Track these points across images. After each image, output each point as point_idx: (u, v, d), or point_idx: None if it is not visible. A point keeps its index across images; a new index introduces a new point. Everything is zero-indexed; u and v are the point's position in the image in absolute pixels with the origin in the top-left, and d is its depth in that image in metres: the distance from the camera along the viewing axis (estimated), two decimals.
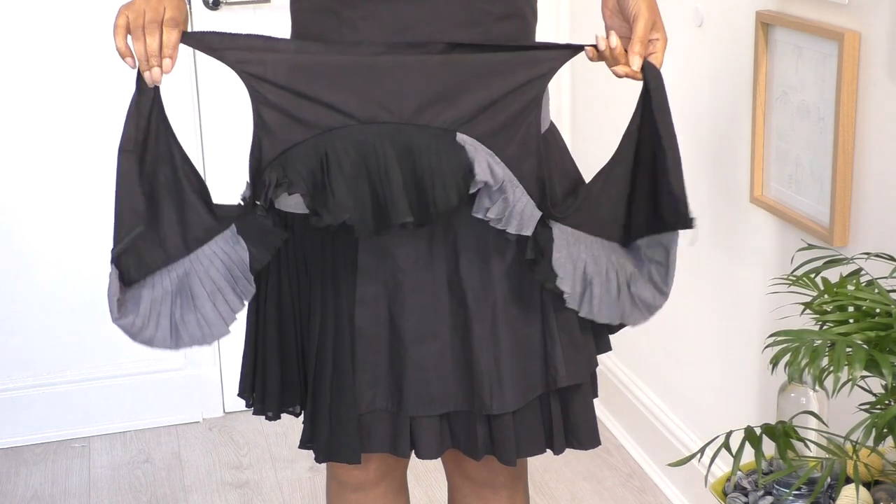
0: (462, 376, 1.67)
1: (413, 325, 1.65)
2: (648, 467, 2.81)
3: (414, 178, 1.56)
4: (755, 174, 2.16)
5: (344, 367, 1.67)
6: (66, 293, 3.05)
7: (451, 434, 1.71)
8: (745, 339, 2.30)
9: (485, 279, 1.64)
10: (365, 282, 1.64)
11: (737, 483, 1.70)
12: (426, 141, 1.56)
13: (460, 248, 1.64)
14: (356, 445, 1.69)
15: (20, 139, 2.95)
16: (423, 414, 1.67)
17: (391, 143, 1.56)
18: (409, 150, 1.56)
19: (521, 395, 1.68)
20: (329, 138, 1.56)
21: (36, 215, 2.99)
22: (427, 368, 1.66)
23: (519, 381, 1.67)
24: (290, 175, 1.56)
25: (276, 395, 1.75)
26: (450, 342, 1.66)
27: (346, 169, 1.55)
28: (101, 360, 3.11)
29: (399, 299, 1.65)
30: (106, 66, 2.96)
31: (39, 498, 2.85)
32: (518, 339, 1.67)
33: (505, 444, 1.69)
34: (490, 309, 1.65)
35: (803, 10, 1.99)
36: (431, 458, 1.72)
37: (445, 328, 1.66)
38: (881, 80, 1.82)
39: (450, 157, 1.56)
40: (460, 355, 1.66)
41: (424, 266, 1.64)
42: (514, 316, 1.66)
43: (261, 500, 2.80)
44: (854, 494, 1.50)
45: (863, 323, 1.45)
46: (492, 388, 1.65)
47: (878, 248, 1.79)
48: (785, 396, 1.65)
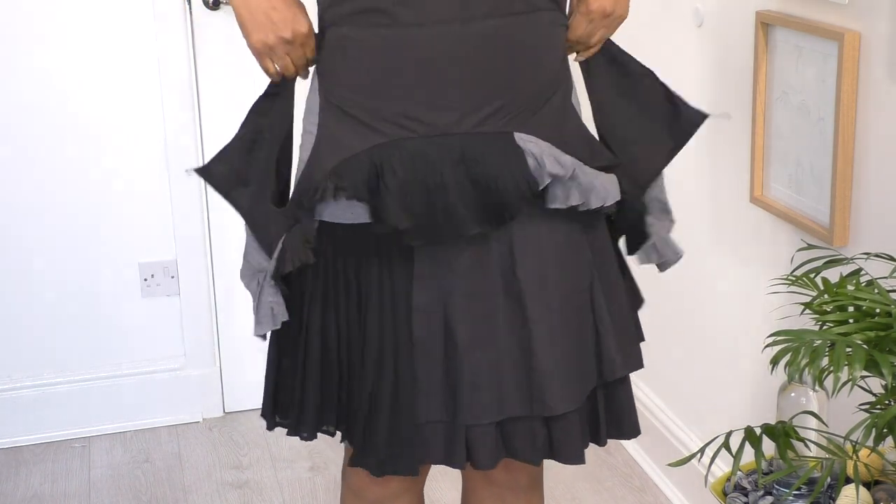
0: (521, 381, 1.64)
1: (468, 332, 1.63)
2: (648, 467, 2.81)
3: (476, 185, 1.57)
4: (755, 174, 2.16)
5: (405, 379, 1.64)
6: (66, 293, 3.05)
7: (504, 442, 1.68)
8: (745, 339, 2.30)
9: (542, 277, 1.64)
10: (421, 289, 1.62)
11: (737, 483, 1.70)
12: (484, 148, 1.57)
13: (516, 248, 1.63)
14: (413, 457, 1.67)
15: (20, 139, 2.95)
16: (477, 422, 1.64)
17: (447, 152, 1.57)
18: (466, 159, 1.57)
19: (581, 391, 1.67)
20: (387, 149, 1.57)
21: (36, 215, 2.99)
22: (482, 375, 1.63)
23: (578, 377, 1.67)
24: (349, 182, 1.57)
25: (313, 416, 1.72)
26: (506, 347, 1.64)
27: (401, 177, 1.56)
28: (101, 360, 3.11)
29: (454, 306, 1.62)
30: (106, 65, 2.96)
31: (39, 498, 2.85)
32: (574, 334, 1.67)
33: (570, 443, 1.68)
34: (547, 308, 1.64)
35: (803, 10, 1.99)
36: (488, 468, 1.69)
37: (502, 333, 1.64)
38: (881, 80, 1.82)
39: (512, 159, 1.58)
40: (518, 359, 1.64)
41: (480, 270, 1.63)
42: (570, 312, 1.66)
43: (261, 500, 2.80)
44: (854, 494, 1.50)
45: (863, 323, 1.45)
46: (554, 388, 1.63)
47: (878, 248, 1.79)
48: (785, 396, 1.65)
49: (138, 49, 2.96)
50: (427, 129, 1.57)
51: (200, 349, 3.17)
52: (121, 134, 3.00)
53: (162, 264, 3.09)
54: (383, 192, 1.56)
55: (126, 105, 2.99)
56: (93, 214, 3.02)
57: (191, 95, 3.00)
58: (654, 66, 1.92)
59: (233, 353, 3.19)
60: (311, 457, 2.96)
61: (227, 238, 3.09)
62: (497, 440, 1.67)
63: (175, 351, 3.16)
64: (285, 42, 1.59)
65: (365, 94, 1.59)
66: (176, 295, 3.12)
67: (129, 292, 3.09)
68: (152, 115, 2.99)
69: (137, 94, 2.98)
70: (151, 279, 3.10)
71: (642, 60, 1.75)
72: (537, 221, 1.62)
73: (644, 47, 2.62)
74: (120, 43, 2.94)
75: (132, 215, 3.04)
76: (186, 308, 3.13)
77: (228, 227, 3.08)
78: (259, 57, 1.62)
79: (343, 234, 1.63)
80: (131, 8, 2.93)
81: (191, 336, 3.15)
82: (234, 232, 3.09)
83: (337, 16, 1.60)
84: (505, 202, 1.58)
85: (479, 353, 1.63)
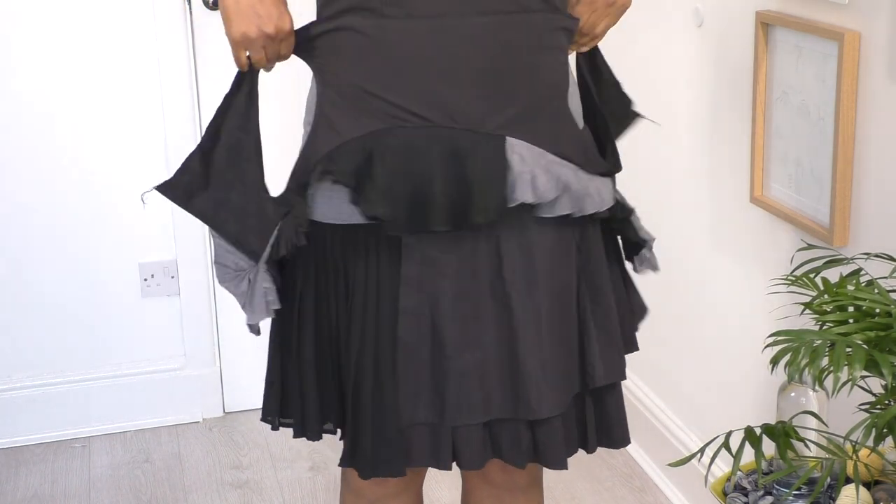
0: (506, 382, 1.65)
1: (455, 334, 1.63)
2: (648, 467, 2.81)
3: (459, 182, 1.57)
4: (755, 174, 2.16)
5: (384, 380, 1.64)
6: (65, 293, 3.05)
7: (492, 443, 1.68)
8: (745, 339, 2.30)
9: (529, 280, 1.64)
10: (409, 292, 1.62)
11: (737, 483, 1.70)
12: (474, 145, 1.58)
13: (503, 251, 1.63)
14: (399, 459, 1.66)
15: (20, 139, 2.94)
16: (465, 423, 1.64)
17: (439, 145, 1.57)
18: (456, 154, 1.57)
19: (565, 396, 1.67)
20: (380, 136, 1.57)
21: (36, 215, 2.99)
22: (469, 377, 1.63)
23: (563, 382, 1.66)
24: (337, 167, 1.58)
25: (315, 416, 1.72)
26: (494, 349, 1.64)
27: (389, 165, 1.56)
28: (101, 360, 3.11)
29: (442, 308, 1.62)
30: (106, 65, 2.96)
31: (39, 498, 2.85)
32: (559, 339, 1.66)
33: (554, 448, 1.68)
34: (535, 311, 1.64)
35: (803, 10, 1.99)
36: (474, 468, 1.69)
37: (489, 336, 1.64)
38: (881, 80, 1.82)
39: (494, 168, 1.58)
40: (505, 361, 1.64)
41: (467, 272, 1.63)
42: (556, 316, 1.66)
43: (261, 500, 2.80)
44: (854, 494, 1.50)
45: (863, 323, 1.45)
46: (539, 392, 1.63)
47: (878, 248, 1.79)
48: (785, 396, 1.65)
49: (138, 49, 2.95)
50: (421, 121, 1.57)
51: (200, 349, 3.17)
52: (121, 134, 3.00)
53: (162, 264, 3.09)
54: (370, 179, 1.57)
55: (126, 105, 2.99)
56: (93, 214, 3.02)
57: (191, 95, 3.00)
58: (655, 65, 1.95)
59: (233, 353, 3.19)
60: (311, 457, 2.96)
61: None
62: (484, 441, 1.67)
63: (175, 351, 3.16)
64: (266, 37, 1.59)
65: (360, 84, 1.59)
66: (176, 295, 3.12)
67: (128, 292, 3.09)
68: (152, 115, 2.99)
69: (137, 94, 2.98)
70: (151, 279, 3.10)
71: (642, 60, 1.76)
72: (526, 223, 1.62)
73: (644, 47, 2.62)
74: (120, 43, 2.94)
75: (132, 215, 3.04)
76: (186, 308, 3.13)
77: None
78: (235, 47, 1.61)
79: (333, 232, 1.63)
80: (131, 8, 2.93)
81: (191, 336, 3.15)
82: None
83: (334, 9, 1.61)
84: (473, 207, 1.58)
85: (468, 354, 1.63)
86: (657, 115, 2.23)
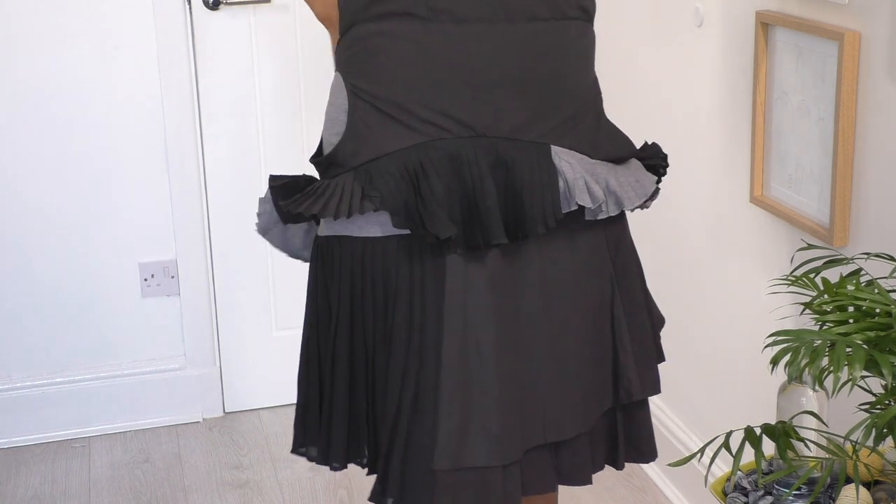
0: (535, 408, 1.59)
1: (499, 356, 1.55)
2: (648, 467, 2.81)
3: (509, 192, 1.54)
4: (755, 174, 2.16)
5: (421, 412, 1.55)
6: (66, 293, 3.05)
7: (522, 476, 1.61)
8: (745, 339, 2.30)
9: (562, 296, 1.60)
10: (453, 309, 1.53)
11: (737, 483, 1.70)
12: (517, 154, 1.54)
13: (538, 264, 1.59)
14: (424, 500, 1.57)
15: (20, 139, 2.95)
16: (510, 461, 1.56)
17: (486, 155, 1.53)
18: (502, 163, 1.54)
19: (593, 413, 1.63)
20: (422, 150, 1.52)
21: (36, 215, 2.99)
22: (511, 413, 1.56)
23: (591, 399, 1.63)
24: (380, 189, 1.51)
25: (342, 445, 1.64)
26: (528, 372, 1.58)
27: (439, 181, 1.51)
28: (101, 360, 3.11)
29: (482, 326, 1.54)
30: (106, 65, 2.96)
31: (39, 498, 2.85)
32: (589, 354, 1.63)
33: (581, 466, 1.63)
34: (563, 327, 1.59)
35: (803, 10, 1.99)
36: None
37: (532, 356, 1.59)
38: (881, 80, 1.82)
39: (544, 175, 1.55)
40: (533, 384, 1.59)
41: (513, 283, 1.57)
42: (589, 330, 1.62)
43: (261, 500, 2.80)
44: (854, 494, 1.50)
45: (863, 323, 1.45)
46: (563, 412, 1.59)
47: (878, 248, 1.79)
48: (785, 396, 1.65)
49: (138, 49, 2.96)
50: (462, 129, 1.53)
51: (200, 349, 3.17)
52: (121, 134, 3.00)
53: (162, 264, 3.09)
54: (426, 199, 1.50)
55: (126, 105, 2.99)
56: (93, 214, 3.02)
57: (191, 95, 3.00)
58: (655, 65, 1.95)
59: (233, 353, 3.19)
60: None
61: (227, 238, 3.09)
62: (517, 479, 1.60)
63: (175, 351, 3.16)
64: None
65: (399, 92, 1.54)
66: (176, 295, 3.12)
67: (129, 292, 3.09)
68: (152, 115, 2.99)
69: (137, 94, 2.98)
70: (151, 279, 3.10)
71: (642, 60, 1.75)
72: (560, 235, 1.59)
73: (644, 47, 2.62)
74: (120, 43, 2.95)
75: (132, 215, 3.04)
76: (186, 308, 3.13)
77: (228, 227, 3.08)
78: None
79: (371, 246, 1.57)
80: (131, 8, 2.93)
81: (191, 336, 3.15)
82: (235, 232, 3.11)
83: (370, 14, 1.55)
84: (526, 216, 1.54)
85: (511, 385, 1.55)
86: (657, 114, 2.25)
